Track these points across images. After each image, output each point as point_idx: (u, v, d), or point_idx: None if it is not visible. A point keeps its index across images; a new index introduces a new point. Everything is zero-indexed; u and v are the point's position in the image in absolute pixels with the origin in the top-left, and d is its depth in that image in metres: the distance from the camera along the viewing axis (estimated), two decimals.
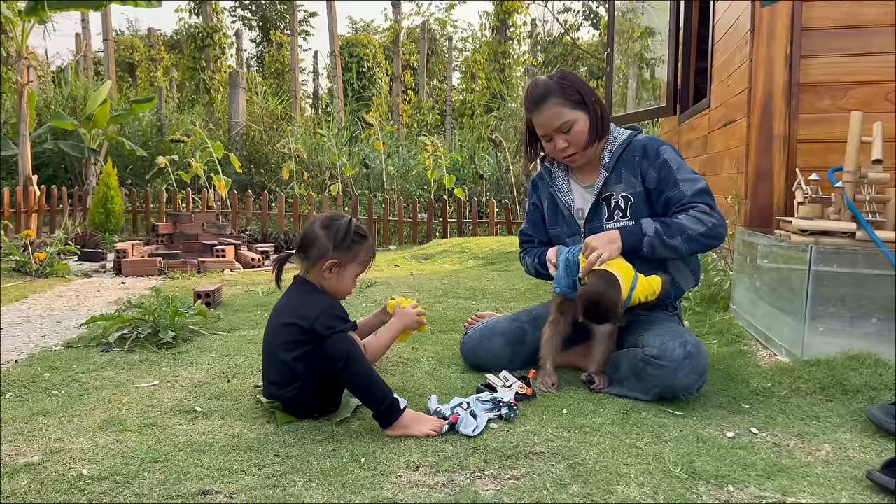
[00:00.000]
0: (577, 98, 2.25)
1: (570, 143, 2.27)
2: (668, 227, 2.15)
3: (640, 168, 2.27)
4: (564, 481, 1.56)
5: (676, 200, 2.21)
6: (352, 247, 2.00)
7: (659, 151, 2.27)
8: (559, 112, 2.24)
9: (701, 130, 4.61)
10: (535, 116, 2.29)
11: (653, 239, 2.15)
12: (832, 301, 2.43)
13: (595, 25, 19.17)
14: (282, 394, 1.92)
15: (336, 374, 1.84)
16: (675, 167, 2.24)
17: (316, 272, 1.99)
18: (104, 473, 1.59)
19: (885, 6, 3.12)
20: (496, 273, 4.98)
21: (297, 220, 8.27)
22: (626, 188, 2.28)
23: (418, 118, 17.47)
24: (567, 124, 2.24)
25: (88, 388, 2.25)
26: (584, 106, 2.26)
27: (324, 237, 1.98)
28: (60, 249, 5.80)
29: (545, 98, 2.25)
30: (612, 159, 2.30)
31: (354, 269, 2.03)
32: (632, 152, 2.30)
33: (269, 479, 1.57)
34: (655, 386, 2.08)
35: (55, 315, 3.64)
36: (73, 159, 9.86)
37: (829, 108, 3.19)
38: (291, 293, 2.02)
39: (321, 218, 2.04)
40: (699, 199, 2.19)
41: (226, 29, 16.66)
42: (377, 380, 1.85)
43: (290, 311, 1.94)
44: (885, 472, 1.56)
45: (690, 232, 2.14)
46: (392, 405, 1.83)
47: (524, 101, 2.35)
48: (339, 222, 2.00)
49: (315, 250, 1.98)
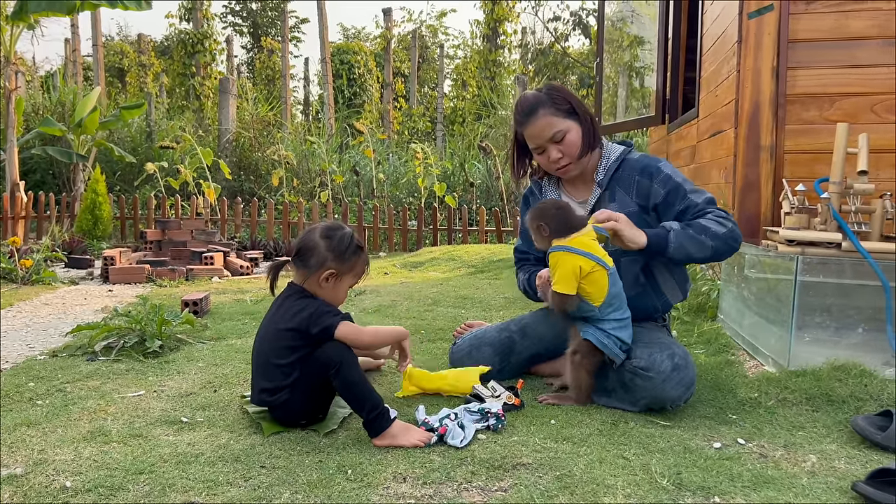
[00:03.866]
0: (568, 108, 2.25)
1: (563, 154, 2.25)
2: (690, 227, 2.12)
3: (639, 187, 2.25)
4: (551, 493, 1.56)
5: (691, 209, 2.18)
6: (349, 258, 2.01)
7: (659, 168, 2.25)
8: (550, 122, 2.23)
9: (689, 140, 4.63)
10: (527, 129, 2.27)
11: (679, 234, 2.09)
12: (818, 311, 2.44)
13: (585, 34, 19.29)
14: (272, 400, 1.92)
15: (328, 379, 1.85)
16: (681, 180, 2.23)
17: (313, 281, 2.00)
18: (88, 485, 1.57)
19: (870, 19, 3.16)
20: (486, 281, 4.98)
21: (286, 227, 8.25)
22: (619, 207, 2.24)
23: (409, 125, 17.49)
24: (560, 133, 2.23)
25: (73, 398, 2.23)
26: (575, 115, 2.26)
27: (324, 247, 1.98)
28: (47, 256, 5.75)
29: (535, 109, 2.24)
30: (607, 176, 2.29)
31: (349, 279, 2.05)
32: (628, 171, 2.28)
33: (254, 491, 1.56)
34: (643, 397, 2.08)
35: (40, 323, 3.61)
36: (60, 165, 9.81)
37: (815, 120, 3.22)
38: (286, 299, 2.01)
39: (321, 227, 2.04)
40: (711, 207, 2.19)
41: (216, 35, 16.63)
42: (368, 387, 1.86)
43: (288, 316, 1.95)
44: (870, 483, 1.57)
45: (715, 230, 2.10)
46: (382, 414, 1.83)
47: (514, 115, 2.33)
48: (342, 233, 2.02)
49: (314, 259, 1.98)
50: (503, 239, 7.64)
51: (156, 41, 22.00)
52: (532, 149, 2.31)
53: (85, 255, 6.43)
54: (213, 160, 9.04)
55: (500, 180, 9.02)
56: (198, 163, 8.89)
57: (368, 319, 3.45)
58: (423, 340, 3.06)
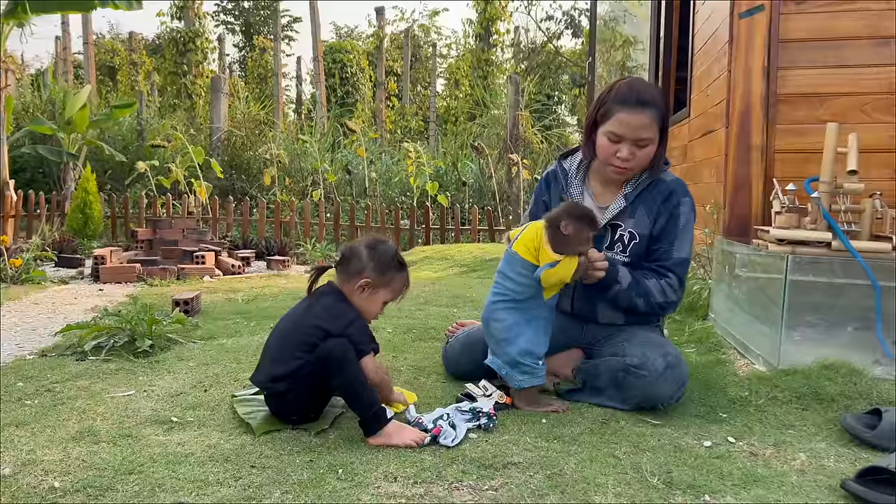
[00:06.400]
0: (664, 125, 2.20)
1: (633, 158, 2.17)
2: (637, 286, 2.17)
3: (658, 213, 2.23)
4: (542, 492, 1.56)
5: (661, 258, 2.21)
6: (388, 272, 2.02)
7: (680, 203, 2.23)
8: (650, 125, 2.14)
9: (681, 140, 4.65)
10: (628, 115, 2.12)
11: (622, 291, 2.16)
12: (808, 310, 2.45)
13: (576, 34, 19.31)
14: (273, 387, 1.92)
15: (328, 377, 1.85)
16: (682, 226, 2.22)
17: (349, 287, 2.01)
18: (77, 486, 1.56)
19: (860, 19, 3.17)
20: (478, 280, 4.99)
21: (278, 226, 8.23)
22: (636, 226, 2.23)
23: (402, 124, 17.49)
24: (646, 141, 2.15)
25: (62, 397, 2.22)
26: (662, 134, 2.21)
27: (366, 256, 2.01)
28: (37, 255, 5.72)
29: (649, 104, 2.13)
30: (634, 192, 2.25)
31: (385, 294, 2.05)
32: (655, 193, 2.24)
33: (244, 491, 1.55)
34: (636, 395, 2.09)
35: (30, 323, 3.59)
36: (51, 164, 9.75)
37: (805, 119, 3.23)
38: (325, 297, 2.02)
39: (369, 238, 2.09)
40: (678, 269, 2.21)
41: (208, 33, 16.56)
42: (367, 386, 1.87)
43: (322, 313, 1.95)
44: (859, 482, 1.58)
45: (651, 299, 2.18)
46: (378, 413, 1.84)
47: (618, 92, 2.17)
48: (385, 247, 2.06)
49: (354, 266, 2.01)
50: (495, 238, 7.64)
51: (147, 39, 21.90)
52: (609, 132, 2.16)
53: (75, 254, 6.39)
54: (204, 159, 9.01)
55: (492, 179, 9.03)
56: (189, 161, 8.86)
57: None
58: (414, 339, 3.05)
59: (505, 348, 2.10)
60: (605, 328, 2.31)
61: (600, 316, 2.31)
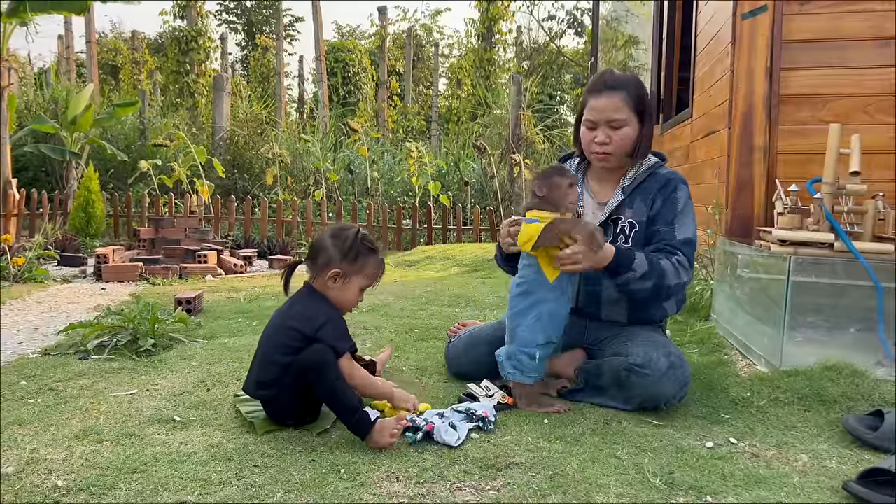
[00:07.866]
0: (641, 107, 2.22)
1: (610, 141, 2.21)
2: (651, 269, 2.11)
3: (654, 201, 2.25)
4: (544, 492, 1.56)
5: (665, 237, 2.21)
6: (358, 259, 2.00)
7: (677, 188, 2.26)
8: (620, 106, 2.18)
9: (683, 140, 4.64)
10: (597, 100, 2.21)
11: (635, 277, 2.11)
12: (810, 311, 2.45)
13: (579, 34, 19.30)
14: (263, 394, 1.93)
15: (311, 386, 1.84)
16: (681, 207, 2.23)
17: (321, 281, 2.00)
18: (80, 485, 1.57)
19: (864, 20, 3.16)
20: (480, 280, 4.99)
21: (280, 225, 8.23)
22: (634, 215, 2.25)
23: (404, 124, 17.49)
24: (619, 122, 2.19)
25: (65, 396, 2.22)
26: (641, 117, 2.23)
27: (331, 247, 1.99)
28: (40, 254, 5.72)
29: (616, 88, 2.19)
30: (632, 185, 2.28)
31: (360, 281, 2.03)
32: (652, 183, 2.28)
33: (247, 490, 1.55)
34: (638, 395, 2.09)
35: (33, 322, 3.59)
36: (53, 163, 9.75)
37: (808, 120, 3.22)
38: (299, 298, 2.02)
39: (331, 228, 2.07)
40: (685, 248, 2.20)
41: (211, 32, 16.57)
42: (349, 393, 1.85)
43: (297, 315, 1.95)
44: (861, 483, 1.58)
45: (666, 281, 2.12)
46: (362, 419, 1.81)
47: (590, 84, 2.28)
48: (347, 233, 2.02)
49: (321, 259, 1.99)
50: (497, 238, 7.63)
51: (150, 38, 21.92)
52: (585, 120, 2.25)
53: (78, 253, 6.40)
54: (206, 158, 9.01)
55: (494, 179, 9.03)
56: (191, 161, 8.86)
57: (362, 318, 3.44)
58: (416, 339, 3.06)
59: (511, 337, 2.16)
60: (607, 328, 2.31)
61: (604, 313, 2.31)
